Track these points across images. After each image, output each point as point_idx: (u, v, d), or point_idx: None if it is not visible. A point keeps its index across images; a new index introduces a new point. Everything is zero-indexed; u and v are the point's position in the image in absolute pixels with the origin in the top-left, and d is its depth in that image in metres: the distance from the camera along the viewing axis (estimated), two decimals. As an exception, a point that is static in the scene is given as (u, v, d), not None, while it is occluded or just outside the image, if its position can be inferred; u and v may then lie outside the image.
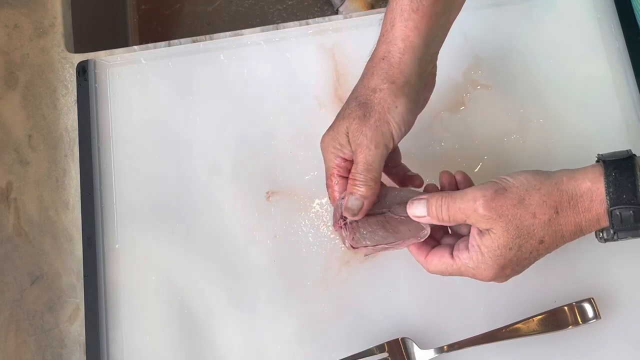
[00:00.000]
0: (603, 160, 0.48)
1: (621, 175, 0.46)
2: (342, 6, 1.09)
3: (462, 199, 0.49)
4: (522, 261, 0.49)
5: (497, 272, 0.49)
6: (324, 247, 0.64)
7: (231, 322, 0.63)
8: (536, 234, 0.48)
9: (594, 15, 0.69)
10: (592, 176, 0.47)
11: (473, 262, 0.49)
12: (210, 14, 1.16)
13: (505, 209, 0.47)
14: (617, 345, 0.60)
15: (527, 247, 0.48)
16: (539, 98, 0.67)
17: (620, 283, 0.61)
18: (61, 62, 0.72)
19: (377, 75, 0.52)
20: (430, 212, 0.50)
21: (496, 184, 0.48)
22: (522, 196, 0.47)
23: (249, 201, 0.66)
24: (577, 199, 0.47)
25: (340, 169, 0.53)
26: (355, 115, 0.51)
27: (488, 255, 0.48)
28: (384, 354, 0.59)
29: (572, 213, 0.47)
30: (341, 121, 0.53)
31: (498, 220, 0.47)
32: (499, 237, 0.48)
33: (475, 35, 0.69)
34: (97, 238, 0.65)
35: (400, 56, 0.51)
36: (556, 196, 0.47)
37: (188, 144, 0.68)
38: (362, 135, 0.51)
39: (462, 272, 0.51)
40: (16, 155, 0.69)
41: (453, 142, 0.66)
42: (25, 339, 0.64)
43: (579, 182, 0.47)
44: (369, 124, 0.51)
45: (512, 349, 0.59)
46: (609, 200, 0.46)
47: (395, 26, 0.51)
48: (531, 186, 0.48)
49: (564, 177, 0.48)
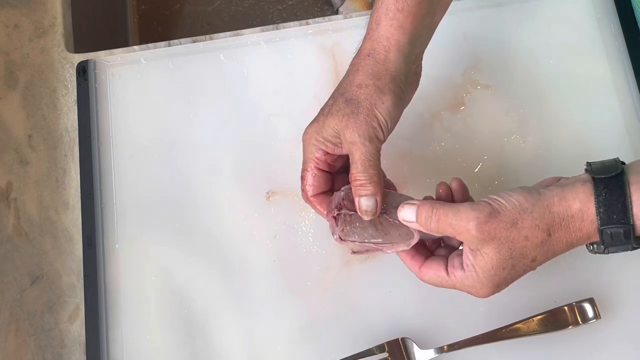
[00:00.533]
0: (593, 177, 0.48)
1: (611, 195, 0.46)
2: (342, 6, 1.09)
3: (455, 215, 0.49)
4: (515, 278, 0.50)
5: (491, 290, 0.50)
6: (324, 247, 0.64)
7: (231, 322, 0.63)
8: (529, 254, 0.49)
9: (594, 15, 0.69)
10: (582, 196, 0.47)
11: (468, 281, 0.50)
12: (210, 14, 1.16)
13: (498, 231, 0.48)
14: (617, 345, 0.60)
15: (520, 266, 0.49)
16: (539, 98, 0.67)
17: (620, 283, 0.61)
18: (61, 62, 0.72)
19: (362, 71, 0.52)
20: (419, 219, 0.51)
21: (489, 206, 0.48)
22: (515, 219, 0.48)
23: (249, 201, 0.66)
24: (569, 219, 0.48)
25: (320, 162, 0.54)
26: (344, 113, 0.52)
27: (483, 275, 0.49)
28: (384, 354, 0.59)
29: (564, 234, 0.48)
30: (328, 117, 0.53)
31: (490, 242, 0.48)
32: (491, 258, 0.48)
33: (475, 35, 0.69)
34: (97, 238, 0.65)
35: (386, 54, 0.52)
36: (548, 219, 0.48)
37: (188, 144, 0.68)
38: (354, 132, 0.51)
39: (457, 288, 0.51)
40: (16, 155, 0.69)
41: (453, 142, 0.66)
42: (25, 339, 0.64)
43: (569, 203, 0.48)
44: (359, 121, 0.51)
45: (512, 349, 0.59)
46: (599, 220, 0.47)
47: (381, 25, 0.52)
48: (523, 209, 0.48)
49: (555, 197, 0.48)
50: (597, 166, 0.49)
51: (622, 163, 0.49)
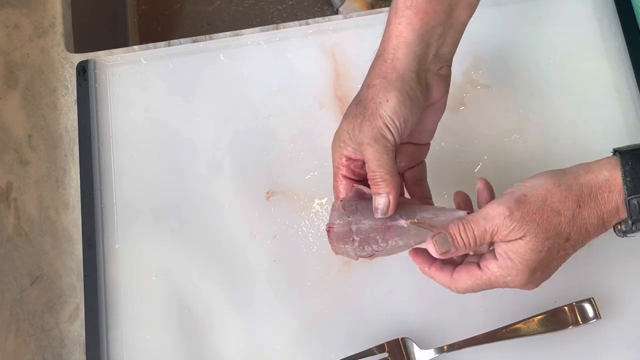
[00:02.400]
0: (619, 151, 0.48)
1: (638, 164, 0.47)
2: (342, 6, 1.09)
3: (485, 219, 0.48)
4: (552, 262, 0.49)
5: (528, 277, 0.48)
6: (324, 247, 0.64)
7: (231, 322, 0.63)
8: (563, 231, 0.47)
9: (594, 15, 0.69)
10: (609, 166, 0.47)
11: (503, 270, 0.48)
12: (210, 14, 1.16)
13: (531, 214, 0.47)
14: (617, 345, 0.60)
15: (555, 247, 0.48)
16: (539, 98, 0.67)
17: (620, 283, 0.61)
18: (61, 62, 0.72)
19: (372, 72, 0.52)
20: (457, 242, 0.49)
21: (514, 193, 0.48)
22: (545, 197, 0.47)
23: (249, 201, 0.66)
24: (597, 190, 0.47)
25: (344, 168, 0.53)
26: (353, 114, 0.51)
27: (517, 260, 0.48)
28: (384, 354, 0.59)
29: (594, 205, 0.47)
30: (343, 121, 0.53)
31: (527, 227, 0.47)
32: (527, 241, 0.47)
33: (475, 35, 0.69)
34: (97, 238, 0.65)
35: (394, 52, 0.51)
36: (576, 190, 0.47)
37: (188, 144, 0.68)
38: (360, 132, 0.50)
39: (493, 282, 0.49)
40: (16, 155, 0.69)
41: (453, 142, 0.66)
42: (25, 339, 0.64)
43: (596, 174, 0.47)
44: (364, 121, 0.50)
45: (512, 349, 0.59)
46: (626, 189, 0.47)
47: (390, 24, 0.52)
48: (550, 186, 0.47)
49: (581, 170, 0.48)
50: (623, 147, 0.49)
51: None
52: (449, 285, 0.51)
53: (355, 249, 0.52)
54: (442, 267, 0.51)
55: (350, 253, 0.52)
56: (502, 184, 0.64)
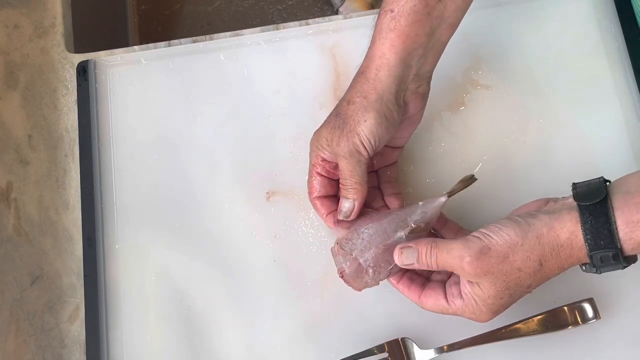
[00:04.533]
0: (578, 204, 0.49)
1: (597, 222, 0.48)
2: (342, 6, 1.09)
3: (449, 253, 0.51)
4: (513, 302, 0.53)
5: (491, 316, 0.53)
6: (324, 247, 0.64)
7: (231, 322, 0.63)
8: (523, 283, 0.50)
9: (594, 15, 0.69)
10: (569, 224, 0.49)
11: (468, 309, 0.52)
12: (210, 14, 1.16)
13: (490, 266, 0.49)
14: (617, 345, 0.60)
15: (517, 294, 0.51)
16: (539, 98, 0.67)
17: (620, 283, 0.61)
18: (61, 62, 0.72)
19: (353, 88, 0.55)
20: (420, 260, 0.53)
21: (480, 241, 0.50)
22: (506, 254, 0.49)
23: (249, 201, 0.66)
24: (559, 248, 0.49)
25: (319, 167, 0.58)
26: (332, 125, 0.55)
27: (481, 304, 0.51)
28: (384, 354, 0.59)
29: (555, 261, 0.50)
30: (323, 126, 0.57)
31: (485, 277, 0.50)
32: (488, 289, 0.50)
33: (475, 35, 0.69)
34: (97, 238, 0.65)
35: (376, 72, 0.54)
36: (538, 250, 0.49)
37: (188, 144, 0.68)
38: (337, 145, 0.55)
39: (458, 315, 0.54)
40: (16, 155, 0.69)
41: (453, 142, 0.66)
42: (25, 339, 0.64)
43: (558, 233, 0.49)
44: (342, 135, 0.54)
45: (512, 349, 0.59)
46: (587, 246, 0.48)
47: (374, 43, 0.54)
48: (514, 243, 0.49)
49: (543, 228, 0.49)
50: (582, 190, 0.50)
51: (606, 182, 0.50)
52: (416, 303, 0.55)
53: (373, 278, 0.55)
54: (409, 285, 0.56)
55: (370, 283, 0.56)
56: (502, 184, 0.65)
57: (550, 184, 0.64)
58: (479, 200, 0.63)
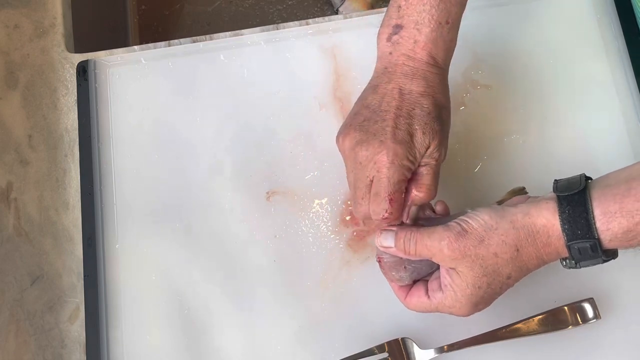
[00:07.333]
0: (557, 195, 0.49)
1: (574, 211, 0.47)
2: (342, 6, 1.09)
3: (430, 237, 0.51)
4: (494, 295, 0.52)
5: (471, 309, 0.52)
6: (324, 247, 0.64)
7: (231, 322, 0.63)
8: (502, 271, 0.50)
9: (594, 15, 0.69)
10: (546, 212, 0.48)
11: (448, 301, 0.52)
12: (210, 14, 1.16)
13: (467, 249, 0.49)
14: (617, 345, 0.60)
15: (496, 284, 0.50)
16: (539, 98, 0.67)
17: (620, 283, 0.61)
18: (61, 62, 0.72)
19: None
20: (398, 244, 0.53)
21: (459, 226, 0.50)
22: (482, 237, 0.49)
23: (249, 201, 0.66)
24: (535, 235, 0.49)
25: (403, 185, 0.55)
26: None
27: (460, 294, 0.51)
28: (384, 354, 0.59)
29: (533, 249, 0.49)
30: (399, 145, 0.53)
31: (462, 260, 0.49)
32: (466, 275, 0.50)
33: (475, 35, 0.69)
34: (97, 238, 0.65)
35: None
36: (513, 235, 0.49)
37: (188, 144, 0.68)
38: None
39: (440, 310, 0.53)
40: (16, 155, 0.69)
41: (453, 142, 0.66)
42: (25, 339, 0.64)
43: (534, 219, 0.49)
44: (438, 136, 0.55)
45: (512, 349, 0.59)
46: (565, 236, 0.48)
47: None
48: (489, 226, 0.49)
49: (518, 214, 0.49)
50: (562, 184, 0.50)
51: (587, 179, 0.50)
52: (403, 303, 0.55)
53: (411, 275, 0.55)
54: (400, 288, 0.56)
55: (405, 279, 0.55)
56: (502, 184, 0.64)
57: (550, 184, 0.63)
58: (479, 201, 0.63)
